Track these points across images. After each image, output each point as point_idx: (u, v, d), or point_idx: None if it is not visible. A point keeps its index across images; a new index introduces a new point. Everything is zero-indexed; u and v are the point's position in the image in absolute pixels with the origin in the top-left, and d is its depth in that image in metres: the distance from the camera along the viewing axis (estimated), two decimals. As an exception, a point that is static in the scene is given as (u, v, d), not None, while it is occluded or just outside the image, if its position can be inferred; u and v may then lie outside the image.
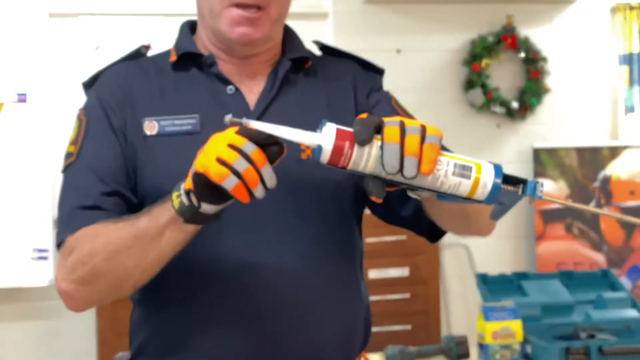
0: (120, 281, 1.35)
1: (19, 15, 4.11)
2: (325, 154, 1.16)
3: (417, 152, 1.13)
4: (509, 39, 4.66)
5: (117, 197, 1.42)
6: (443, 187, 1.17)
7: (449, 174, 1.17)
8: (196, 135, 1.41)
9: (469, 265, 4.61)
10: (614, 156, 4.67)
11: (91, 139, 1.46)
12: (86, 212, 1.40)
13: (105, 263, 1.32)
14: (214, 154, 1.16)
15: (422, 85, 4.62)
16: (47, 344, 4.23)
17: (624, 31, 4.84)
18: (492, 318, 2.57)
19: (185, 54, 1.51)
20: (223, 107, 1.44)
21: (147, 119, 1.44)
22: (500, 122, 4.73)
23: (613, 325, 2.68)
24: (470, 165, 1.18)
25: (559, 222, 4.62)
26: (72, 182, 1.45)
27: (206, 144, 1.20)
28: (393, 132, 1.14)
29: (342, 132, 1.16)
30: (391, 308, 4.12)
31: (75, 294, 1.37)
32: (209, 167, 1.16)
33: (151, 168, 1.42)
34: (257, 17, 1.43)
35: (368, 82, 1.59)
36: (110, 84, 1.50)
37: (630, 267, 4.65)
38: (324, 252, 1.46)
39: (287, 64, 1.52)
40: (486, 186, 1.18)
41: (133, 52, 1.59)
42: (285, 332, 1.41)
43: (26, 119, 4.00)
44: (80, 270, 1.34)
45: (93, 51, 4.15)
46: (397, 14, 4.60)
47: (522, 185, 1.20)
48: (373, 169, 1.16)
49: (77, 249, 1.36)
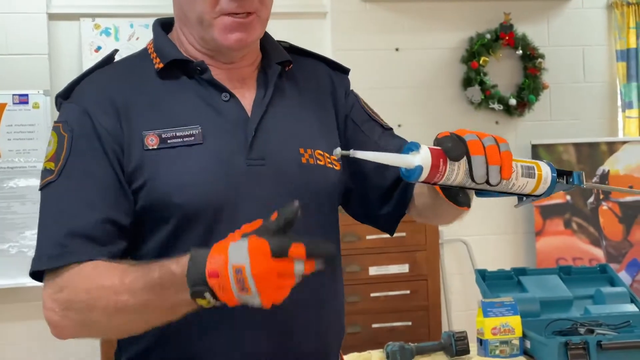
0: (118, 334, 1.36)
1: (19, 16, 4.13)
2: (425, 172, 1.24)
3: (499, 160, 1.23)
4: (506, 36, 4.68)
5: (108, 224, 1.35)
6: (514, 187, 1.31)
7: (519, 175, 1.30)
8: (199, 146, 1.40)
9: (468, 261, 4.63)
10: (612, 151, 4.69)
11: (77, 158, 1.37)
12: (76, 244, 1.32)
13: (105, 320, 1.29)
14: (276, 289, 1.14)
15: (420, 83, 4.63)
16: (51, 344, 4.23)
17: (621, 27, 4.85)
18: (491, 314, 2.58)
19: (172, 61, 1.46)
20: (220, 115, 1.43)
21: (148, 132, 1.39)
22: (499, 119, 4.75)
23: (612, 320, 2.68)
24: (532, 166, 1.32)
25: (558, 218, 4.64)
26: (57, 205, 1.37)
27: (256, 284, 1.13)
28: (477, 146, 1.23)
29: (435, 151, 1.25)
30: (391, 304, 4.13)
31: (65, 330, 1.34)
32: (281, 299, 1.17)
33: (156, 181, 1.37)
34: (249, 22, 1.42)
35: (342, 85, 1.62)
36: (93, 95, 1.42)
37: (629, 262, 4.66)
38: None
39: (276, 69, 1.51)
40: (546, 182, 1.32)
41: (105, 58, 1.53)
42: (292, 334, 1.42)
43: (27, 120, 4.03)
44: (75, 315, 1.31)
45: (93, 53, 4.18)
46: (396, 12, 4.62)
47: (568, 176, 1.35)
48: (460, 181, 1.27)
49: (70, 291, 1.31)
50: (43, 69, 4.17)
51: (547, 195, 1.34)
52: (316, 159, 1.47)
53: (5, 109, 4.07)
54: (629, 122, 4.86)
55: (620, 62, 4.86)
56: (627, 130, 4.88)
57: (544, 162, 1.34)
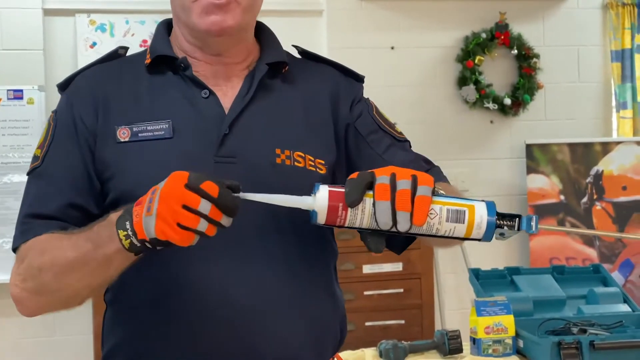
0: (69, 297, 1.37)
1: (15, 11, 4.12)
2: (322, 217, 1.20)
3: (408, 206, 1.16)
4: (502, 36, 4.69)
5: (75, 209, 1.41)
6: (439, 232, 1.21)
7: (443, 220, 1.21)
8: (169, 140, 1.41)
9: (462, 260, 4.63)
10: (606, 152, 4.69)
11: (56, 145, 1.45)
12: (41, 222, 1.40)
13: (53, 281, 1.34)
14: (173, 219, 1.16)
15: (415, 81, 4.63)
16: (45, 339, 4.24)
17: (616, 28, 4.86)
18: (484, 313, 2.59)
19: (160, 56, 1.49)
20: (197, 111, 1.44)
21: (121, 126, 1.43)
22: (493, 118, 4.76)
23: (605, 320, 2.69)
24: (463, 210, 1.22)
25: (552, 218, 4.64)
26: (34, 188, 1.45)
27: (159, 203, 1.17)
28: (383, 190, 1.17)
29: (334, 194, 1.19)
30: (385, 303, 4.14)
31: (26, 302, 1.41)
32: (173, 237, 1.18)
33: (124, 174, 1.41)
34: (226, 4, 1.41)
35: (351, 92, 1.58)
36: (82, 89, 1.48)
37: (622, 262, 4.67)
38: (297, 257, 1.45)
39: (264, 69, 1.50)
40: (480, 227, 1.22)
41: (110, 53, 1.57)
42: (254, 338, 1.40)
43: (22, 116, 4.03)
44: (30, 282, 1.37)
45: (88, 49, 4.18)
46: (391, 10, 4.62)
47: (517, 220, 1.24)
48: (369, 224, 1.20)
49: (27, 260, 1.38)
50: (38, 65, 4.16)
51: (487, 239, 1.23)
52: (294, 160, 1.44)
53: (0, 105, 4.07)
54: (623, 123, 4.87)
55: (615, 62, 4.86)
56: (621, 131, 4.89)
57: (483, 203, 1.23)
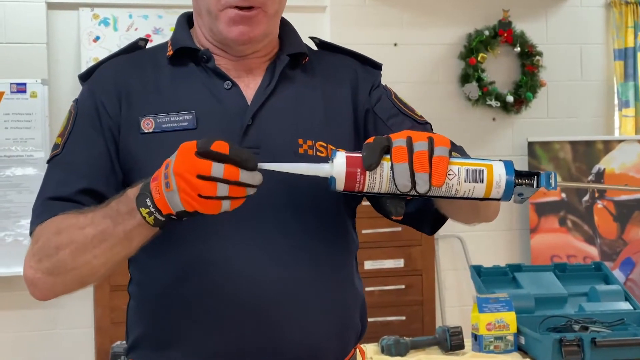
0: (86, 276, 1.36)
1: (18, 5, 4.13)
2: (340, 183, 1.19)
3: (426, 167, 1.16)
4: (505, 33, 4.69)
5: (93, 195, 1.41)
6: (458, 193, 1.20)
7: (462, 180, 1.20)
8: (193, 131, 1.42)
9: (463, 257, 4.64)
10: (607, 150, 4.70)
11: (76, 134, 1.46)
12: (57, 204, 1.40)
13: (70, 259, 1.32)
14: (193, 191, 1.17)
15: (418, 78, 4.64)
16: (45, 332, 4.25)
17: (619, 26, 4.86)
18: (486, 309, 2.60)
19: (182, 48, 1.50)
20: (220, 102, 1.45)
21: (145, 116, 1.44)
22: (496, 116, 4.76)
23: (606, 317, 2.70)
24: (481, 169, 1.21)
25: (553, 215, 4.65)
26: (53, 175, 1.45)
27: (175, 179, 1.18)
28: (401, 152, 1.16)
29: (352, 159, 1.18)
30: (386, 299, 4.14)
31: (40, 284, 1.37)
32: (199, 208, 1.18)
33: (147, 165, 1.38)
34: (254, 15, 1.43)
35: (369, 79, 1.59)
36: (104, 80, 1.49)
37: (623, 260, 4.68)
38: (318, 246, 1.45)
39: (285, 60, 1.51)
40: (500, 186, 1.21)
41: (131, 44, 1.58)
42: (279, 327, 1.41)
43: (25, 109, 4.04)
44: (46, 262, 1.35)
45: (91, 43, 4.18)
46: (394, 7, 4.62)
47: (536, 177, 1.23)
48: (388, 189, 1.19)
49: (43, 239, 1.36)
50: (41, 58, 4.16)
51: (506, 199, 1.22)
52: (317, 150, 1.45)
53: (3, 98, 4.07)
54: (625, 121, 4.87)
55: (617, 60, 4.87)
56: (623, 129, 4.89)
57: (501, 163, 1.22)
